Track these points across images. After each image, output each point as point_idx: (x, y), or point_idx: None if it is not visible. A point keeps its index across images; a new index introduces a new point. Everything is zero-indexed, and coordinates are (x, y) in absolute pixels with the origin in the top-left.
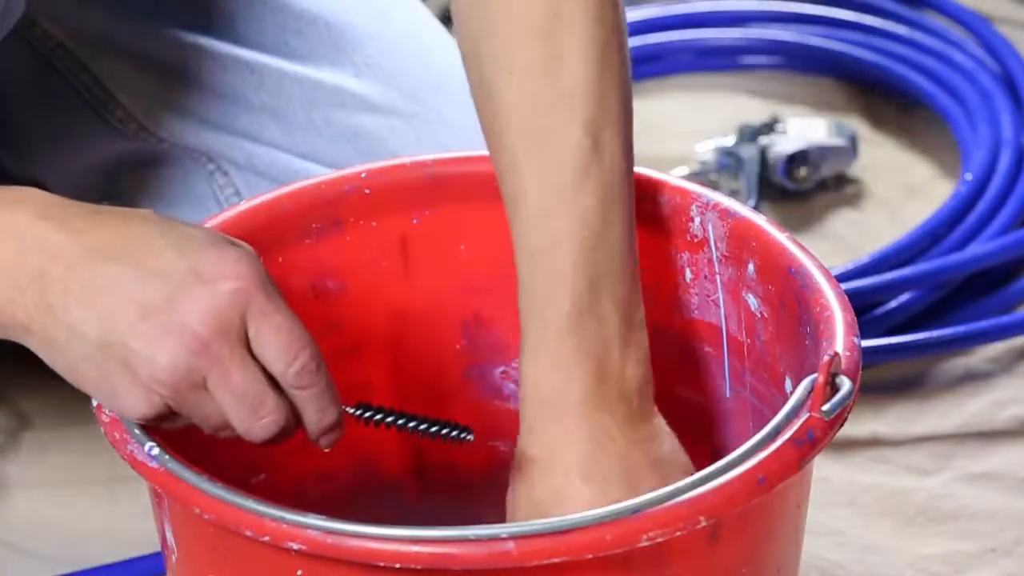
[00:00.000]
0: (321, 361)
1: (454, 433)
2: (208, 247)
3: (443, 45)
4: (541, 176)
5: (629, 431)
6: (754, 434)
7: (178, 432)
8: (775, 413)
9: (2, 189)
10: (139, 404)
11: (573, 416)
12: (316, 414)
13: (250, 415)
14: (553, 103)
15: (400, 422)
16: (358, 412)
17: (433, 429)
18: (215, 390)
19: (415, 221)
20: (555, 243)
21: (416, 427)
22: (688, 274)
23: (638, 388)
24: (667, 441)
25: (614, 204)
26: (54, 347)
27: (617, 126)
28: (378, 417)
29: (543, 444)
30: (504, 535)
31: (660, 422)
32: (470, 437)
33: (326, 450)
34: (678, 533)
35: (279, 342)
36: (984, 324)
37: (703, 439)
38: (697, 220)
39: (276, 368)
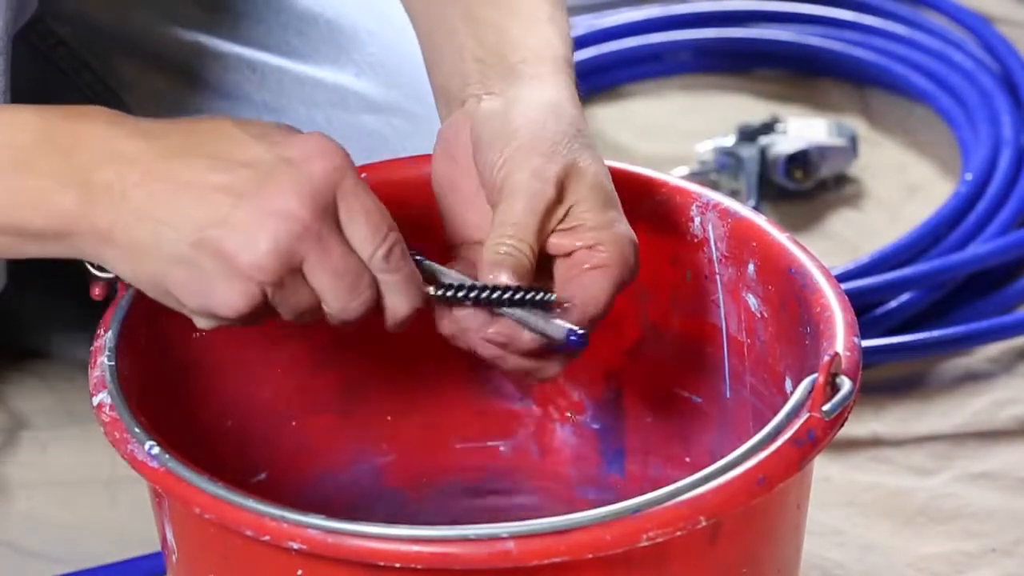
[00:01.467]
0: (406, 248)
1: (538, 296)
2: (289, 133)
3: None
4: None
5: None
6: (754, 434)
7: (179, 432)
8: (775, 413)
9: (71, 107)
10: (235, 297)
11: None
12: (401, 297)
13: (348, 293)
14: None
15: (483, 296)
16: (440, 292)
17: (517, 296)
18: (314, 271)
19: (415, 220)
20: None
21: (500, 297)
22: (688, 274)
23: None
24: None
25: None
26: (138, 253)
27: None
28: (460, 295)
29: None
30: (504, 535)
31: None
32: (552, 297)
33: (397, 331)
34: (678, 533)
35: (370, 222)
36: (984, 324)
37: (703, 439)
38: (697, 220)
39: (366, 250)
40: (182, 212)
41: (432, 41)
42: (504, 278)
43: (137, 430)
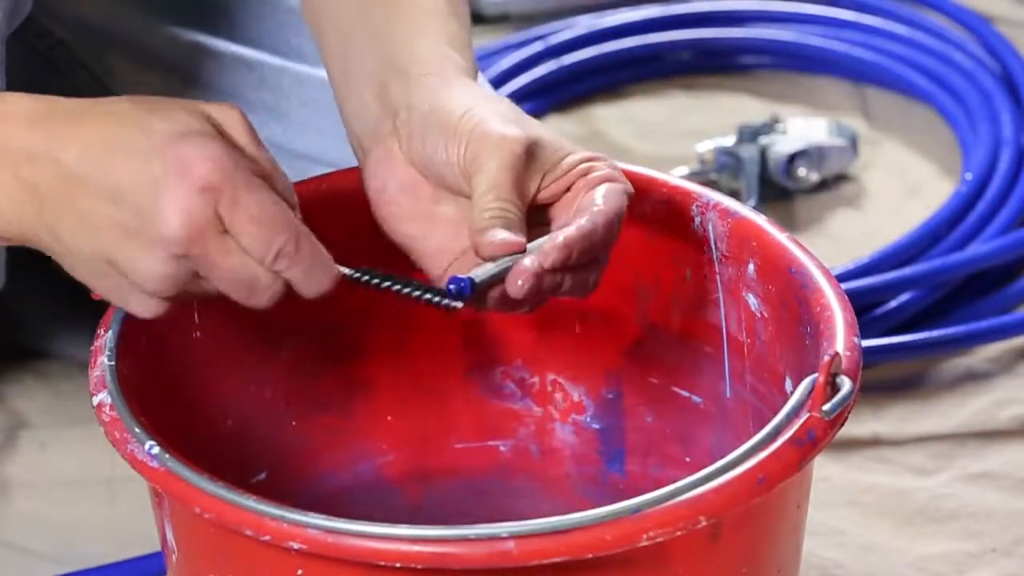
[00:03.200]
0: (303, 237)
1: (443, 301)
2: (176, 143)
3: None
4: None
5: None
6: (754, 434)
7: (179, 432)
8: (775, 413)
9: None
10: (149, 306)
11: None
12: (307, 285)
13: (247, 293)
14: None
15: (393, 286)
16: (355, 275)
17: (424, 295)
18: (209, 277)
19: None
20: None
21: (407, 291)
22: (688, 274)
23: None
24: None
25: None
26: (68, 262)
27: None
28: (375, 281)
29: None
30: (504, 534)
31: None
32: (457, 305)
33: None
34: (678, 533)
35: (253, 229)
36: (984, 324)
37: (703, 439)
38: (697, 220)
39: (255, 254)
40: (83, 237)
41: (340, 81)
42: (500, 236)
43: (137, 430)
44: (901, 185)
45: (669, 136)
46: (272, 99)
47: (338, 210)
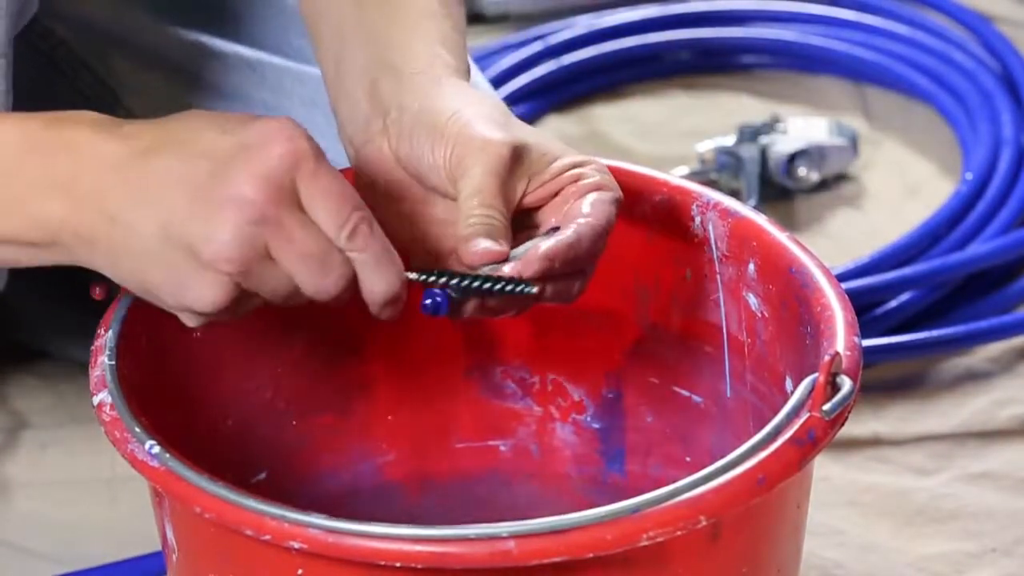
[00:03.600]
0: (375, 225)
1: (519, 288)
2: (250, 120)
3: None
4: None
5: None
6: (754, 434)
7: (180, 432)
8: (775, 413)
9: (54, 114)
10: (209, 290)
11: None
12: (375, 276)
13: (319, 272)
14: None
15: (464, 284)
16: (421, 277)
17: (496, 287)
18: (279, 255)
19: None
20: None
21: (480, 287)
22: (688, 274)
23: None
24: None
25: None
26: (119, 255)
27: None
28: (442, 280)
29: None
30: (505, 534)
31: None
32: (533, 290)
33: (387, 320)
34: (678, 533)
35: (331, 203)
36: (984, 324)
37: (703, 439)
38: (697, 220)
39: (330, 230)
40: (149, 211)
41: (334, 82)
42: (483, 245)
43: (137, 430)
44: (901, 185)
45: (669, 136)
46: (274, 99)
47: None
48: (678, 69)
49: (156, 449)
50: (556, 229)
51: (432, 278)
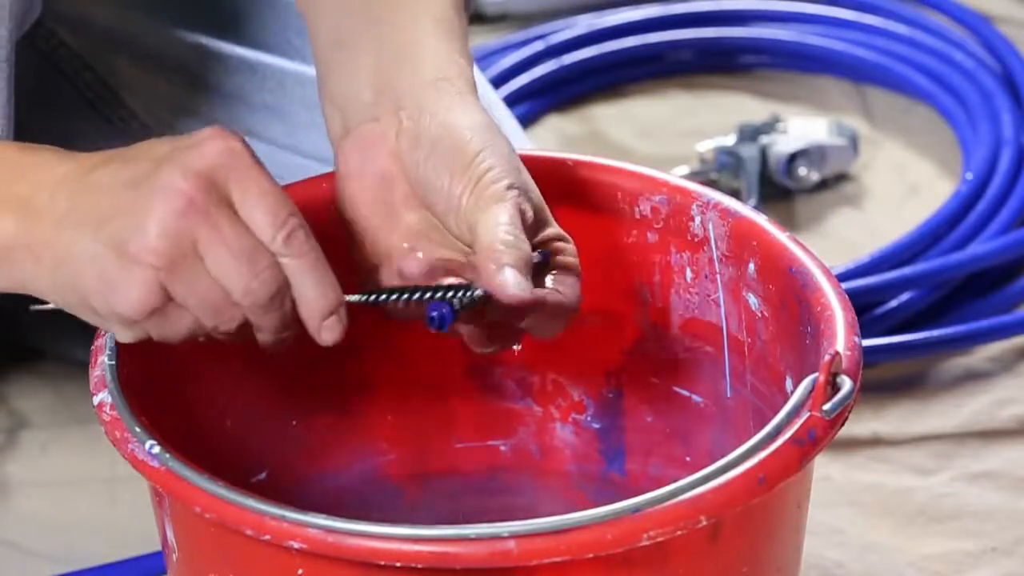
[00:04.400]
0: (311, 234)
1: (461, 294)
2: (191, 132)
3: None
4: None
5: None
6: (755, 433)
7: (180, 432)
8: (776, 412)
9: (27, 144)
10: (134, 289)
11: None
12: (311, 285)
13: (248, 269)
14: None
15: (405, 296)
16: (363, 299)
17: (439, 294)
18: (207, 250)
19: None
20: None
21: (422, 296)
22: (688, 273)
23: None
24: None
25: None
26: (59, 264)
27: None
28: (383, 298)
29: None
30: (505, 534)
31: None
32: (480, 292)
33: (327, 344)
34: (679, 532)
35: (266, 205)
36: (984, 323)
37: (703, 438)
38: (698, 219)
39: (265, 232)
40: (90, 212)
41: (334, 55)
42: (512, 279)
43: (138, 429)
44: (901, 185)
45: (669, 136)
46: (274, 100)
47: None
48: (678, 69)
49: (156, 449)
50: None
51: (373, 297)
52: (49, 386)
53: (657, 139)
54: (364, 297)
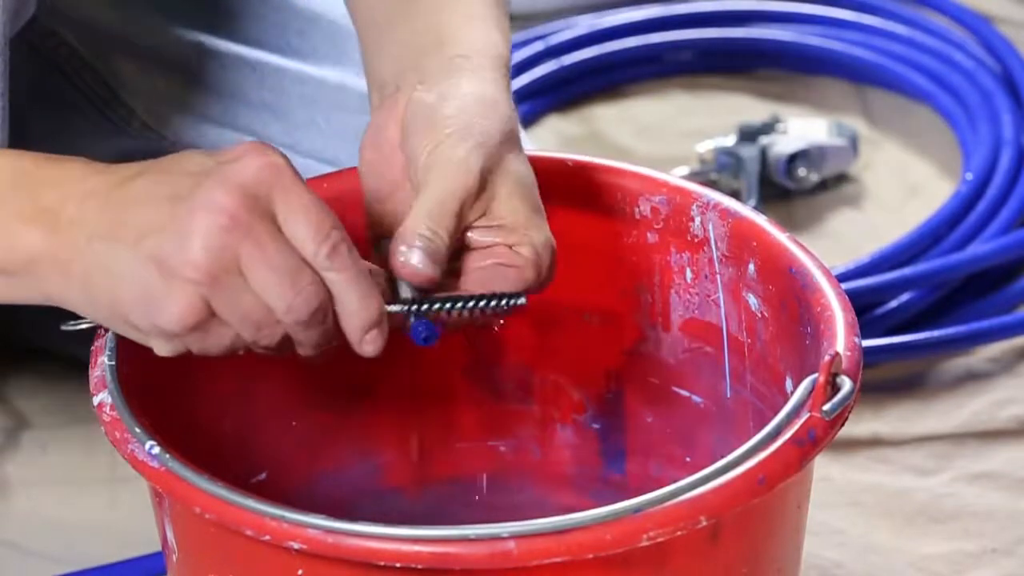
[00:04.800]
0: (353, 248)
1: (506, 302)
2: (227, 147)
3: None
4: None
5: None
6: (755, 434)
7: (180, 431)
8: (776, 413)
9: (52, 155)
10: (176, 304)
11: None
12: (356, 302)
13: (290, 286)
14: None
15: (450, 306)
16: (404, 308)
17: (484, 304)
18: (250, 266)
19: None
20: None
21: (468, 306)
22: (688, 274)
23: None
24: None
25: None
26: (93, 276)
27: None
28: (424, 307)
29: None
30: (505, 535)
31: None
32: (523, 300)
33: (369, 356)
34: (679, 533)
35: (309, 220)
36: (984, 324)
37: (704, 439)
38: (698, 220)
39: (307, 248)
40: (128, 225)
41: (370, 33)
42: (415, 261)
43: (138, 430)
44: (901, 185)
45: (669, 136)
46: (274, 99)
47: (339, 210)
48: (678, 69)
49: (156, 449)
50: None
51: (415, 307)
52: (49, 386)
53: (657, 139)
54: (404, 307)
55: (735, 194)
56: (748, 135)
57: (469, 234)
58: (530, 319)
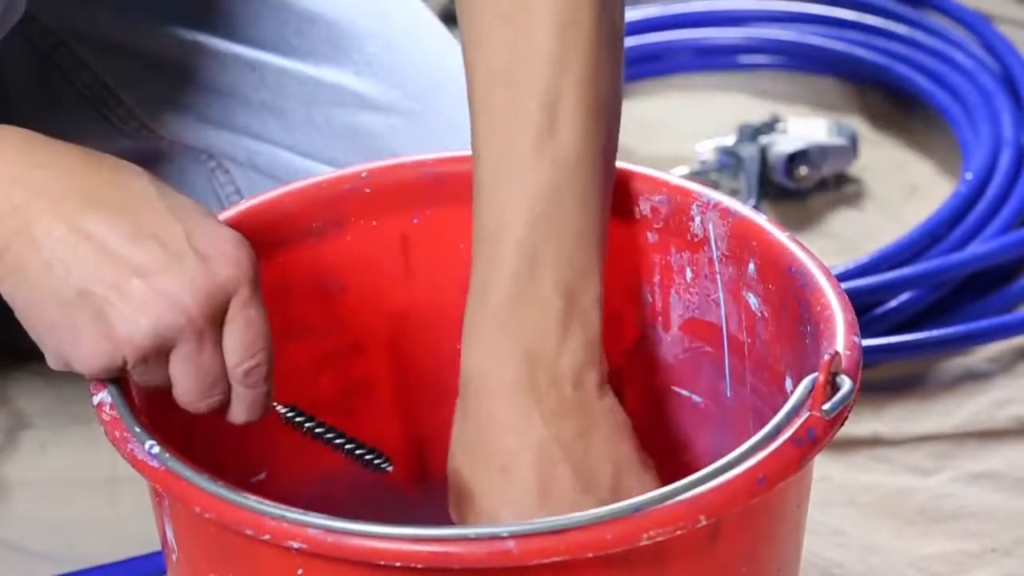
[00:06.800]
0: (271, 368)
1: (374, 460)
2: (205, 221)
3: (443, 44)
4: (493, 154)
5: (556, 420)
6: (754, 433)
7: (180, 431)
8: (775, 412)
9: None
10: (97, 359)
11: (501, 401)
12: (244, 411)
13: (202, 393)
14: (510, 79)
15: (323, 434)
16: (287, 413)
17: (353, 449)
18: (179, 362)
19: (415, 221)
20: (501, 224)
21: (337, 442)
22: (688, 273)
23: (574, 376)
24: (605, 433)
25: (568, 181)
26: (23, 278)
27: (580, 101)
28: (306, 424)
29: (470, 429)
30: (504, 534)
31: (605, 412)
32: (389, 468)
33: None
34: (678, 532)
35: (246, 337)
36: (984, 324)
37: (703, 438)
38: (697, 219)
39: (232, 359)
40: (78, 261)
41: None
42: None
43: (137, 429)
44: (901, 185)
45: (669, 135)
46: (272, 98)
47: (338, 210)
48: (678, 68)
49: (156, 449)
50: None
51: (298, 419)
52: (49, 386)
53: (657, 139)
54: (288, 413)
55: (735, 194)
56: (748, 135)
57: None
58: None
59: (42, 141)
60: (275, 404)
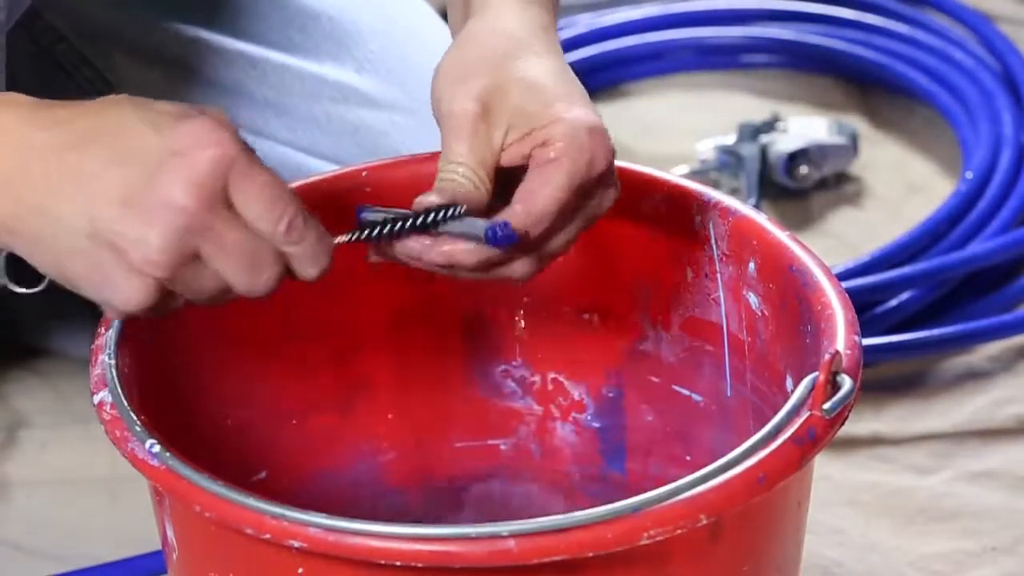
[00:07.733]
0: (307, 214)
1: (449, 212)
2: (182, 120)
3: (444, 41)
4: None
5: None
6: (755, 432)
7: (180, 431)
8: (776, 412)
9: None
10: (135, 292)
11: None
12: (309, 265)
13: (251, 274)
14: None
15: (395, 228)
16: (353, 238)
17: (435, 219)
18: (211, 259)
19: None
20: None
21: (410, 224)
22: (689, 273)
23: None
24: None
25: None
26: (41, 244)
27: None
28: (374, 234)
29: None
30: (505, 533)
31: None
32: (461, 209)
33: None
34: (679, 531)
35: (264, 201)
36: (984, 323)
37: (704, 437)
38: (698, 219)
39: (265, 227)
40: (79, 206)
41: None
42: (426, 199)
43: (138, 428)
44: (901, 184)
45: (670, 135)
46: (275, 95)
47: (338, 209)
48: (679, 67)
49: (156, 448)
50: None
51: (365, 234)
52: (49, 385)
53: (658, 138)
54: (353, 236)
55: (735, 193)
56: (748, 134)
57: (505, 155)
58: (530, 317)
59: (42, 104)
60: (336, 240)
